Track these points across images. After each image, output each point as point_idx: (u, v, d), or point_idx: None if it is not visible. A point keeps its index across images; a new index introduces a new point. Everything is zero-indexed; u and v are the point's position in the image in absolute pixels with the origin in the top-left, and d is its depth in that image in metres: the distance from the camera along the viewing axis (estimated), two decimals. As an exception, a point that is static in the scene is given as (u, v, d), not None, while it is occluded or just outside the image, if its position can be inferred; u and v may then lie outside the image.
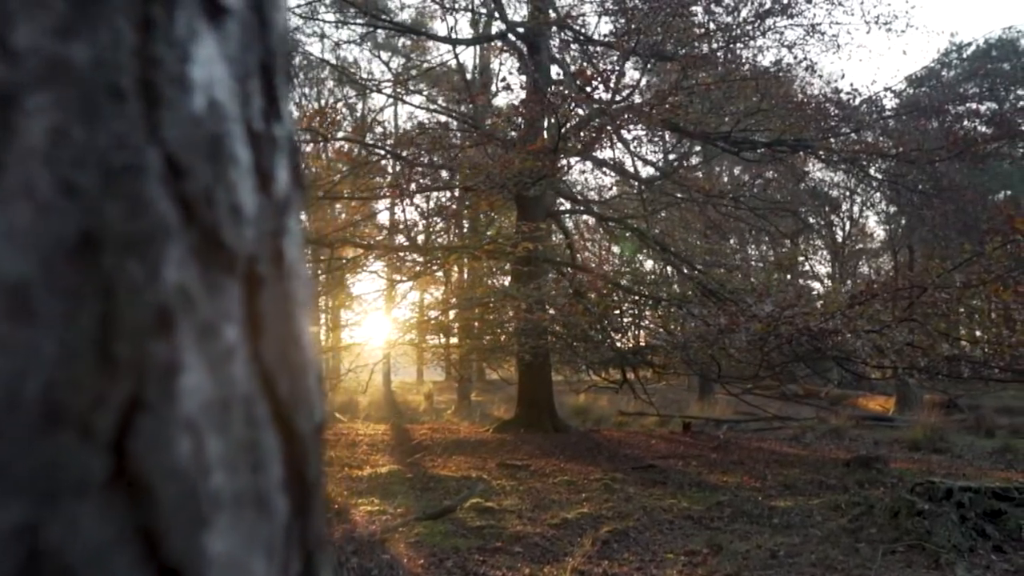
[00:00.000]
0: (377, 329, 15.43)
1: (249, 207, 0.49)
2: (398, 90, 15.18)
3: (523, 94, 11.82)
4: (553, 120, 9.58)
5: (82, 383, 0.41)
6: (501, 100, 25.24)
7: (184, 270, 0.45)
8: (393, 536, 4.82)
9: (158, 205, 0.45)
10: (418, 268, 13.69)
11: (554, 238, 15.15)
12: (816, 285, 27.37)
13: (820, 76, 23.27)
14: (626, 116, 10.20)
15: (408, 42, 19.49)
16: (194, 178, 0.46)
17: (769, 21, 12.24)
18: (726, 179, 24.16)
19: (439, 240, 15.78)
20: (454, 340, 16.28)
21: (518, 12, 15.73)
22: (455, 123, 13.58)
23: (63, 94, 0.42)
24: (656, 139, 16.19)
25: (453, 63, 17.43)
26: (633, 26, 10.39)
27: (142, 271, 0.43)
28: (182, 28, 0.46)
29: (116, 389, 0.42)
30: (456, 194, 14.15)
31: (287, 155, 0.55)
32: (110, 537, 0.41)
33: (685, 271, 13.02)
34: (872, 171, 13.32)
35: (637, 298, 12.61)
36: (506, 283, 14.01)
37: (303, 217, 0.64)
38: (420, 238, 14.21)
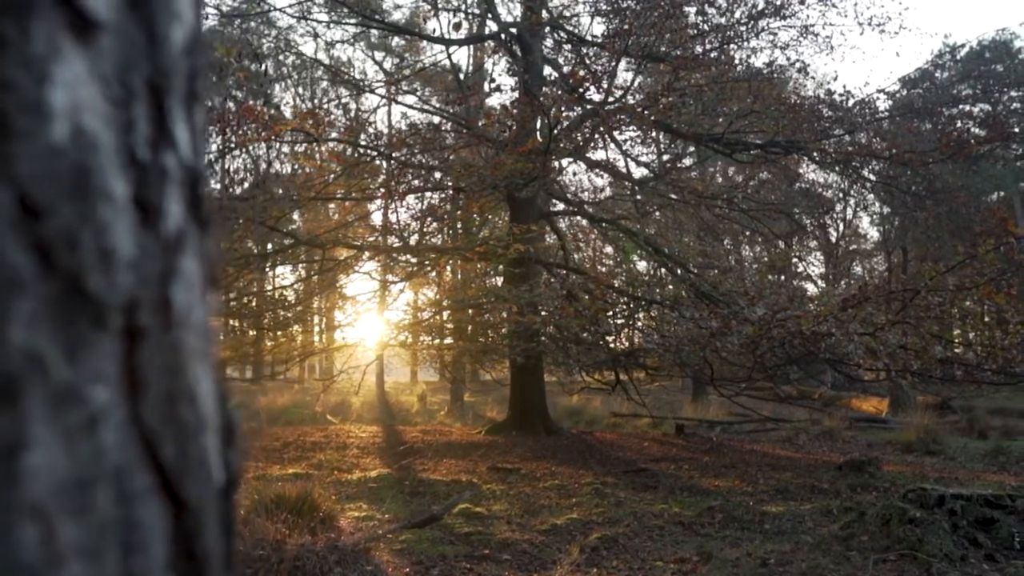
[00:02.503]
0: (370, 330, 15.38)
1: (125, 249, 0.43)
2: (391, 90, 15.10)
3: (515, 95, 11.77)
4: (545, 121, 9.53)
5: (-98, 466, 0.35)
6: (494, 101, 25.20)
7: (35, 329, 0.38)
8: (378, 544, 4.75)
9: (6, 253, 0.38)
10: (411, 269, 13.63)
11: (548, 239, 15.11)
12: (810, 286, 27.40)
13: (813, 78, 23.31)
14: (619, 117, 10.16)
15: (401, 42, 19.44)
16: (53, 219, 0.40)
17: (762, 22, 12.22)
18: (720, 180, 24.16)
19: (433, 240, 15.72)
20: (448, 341, 16.22)
21: (512, 12, 15.70)
22: (448, 124, 13.51)
23: None
24: (649, 140, 16.17)
25: (446, 63, 17.38)
26: (626, 26, 10.34)
27: (-19, 332, 0.37)
28: (40, 45, 0.40)
29: (-55, 472, 0.36)
30: (448, 195, 14.09)
31: (182, 186, 0.49)
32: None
33: (679, 273, 12.98)
34: (865, 172, 13.31)
35: (628, 300, 12.56)
36: (499, 285, 13.94)
37: (214, 249, 0.57)
38: (413, 239, 14.14)
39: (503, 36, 13.55)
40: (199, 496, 0.48)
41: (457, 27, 13.21)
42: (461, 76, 16.91)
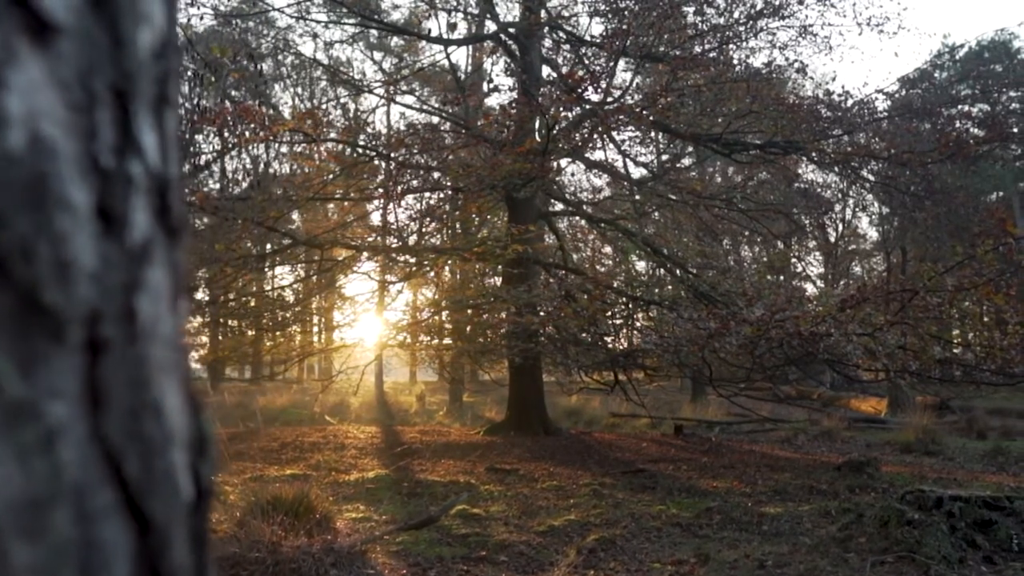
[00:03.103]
0: (369, 330, 15.37)
1: (87, 259, 0.42)
2: (390, 90, 15.08)
3: (513, 95, 11.76)
4: (543, 121, 9.51)
5: None
6: (493, 101, 25.19)
7: (-14, 344, 0.37)
8: (375, 546, 4.73)
9: (-43, 264, 0.37)
10: (410, 269, 13.61)
11: (547, 239, 15.10)
12: (809, 287, 27.39)
13: (812, 78, 23.32)
14: (618, 117, 10.14)
15: (400, 42, 19.42)
16: (7, 229, 0.38)
17: (761, 22, 12.20)
18: (719, 180, 24.15)
19: (432, 241, 15.71)
20: (446, 341, 16.20)
21: (511, 12, 15.68)
22: (447, 124, 13.50)
23: None
24: (648, 140, 16.15)
25: (445, 63, 17.36)
26: (624, 27, 10.33)
27: (-71, 348, 0.36)
28: (-6, 50, 0.39)
29: None
30: (447, 195, 14.07)
31: (149, 194, 0.48)
32: None
33: (677, 273, 12.97)
34: (864, 173, 13.29)
35: (627, 301, 12.55)
36: (498, 285, 13.93)
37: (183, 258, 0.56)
38: (412, 239, 14.13)
39: (501, 36, 13.54)
40: (165, 513, 0.46)
41: (452, 28, 13.19)
42: (460, 76, 16.91)
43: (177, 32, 0.57)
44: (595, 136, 11.55)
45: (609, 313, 12.22)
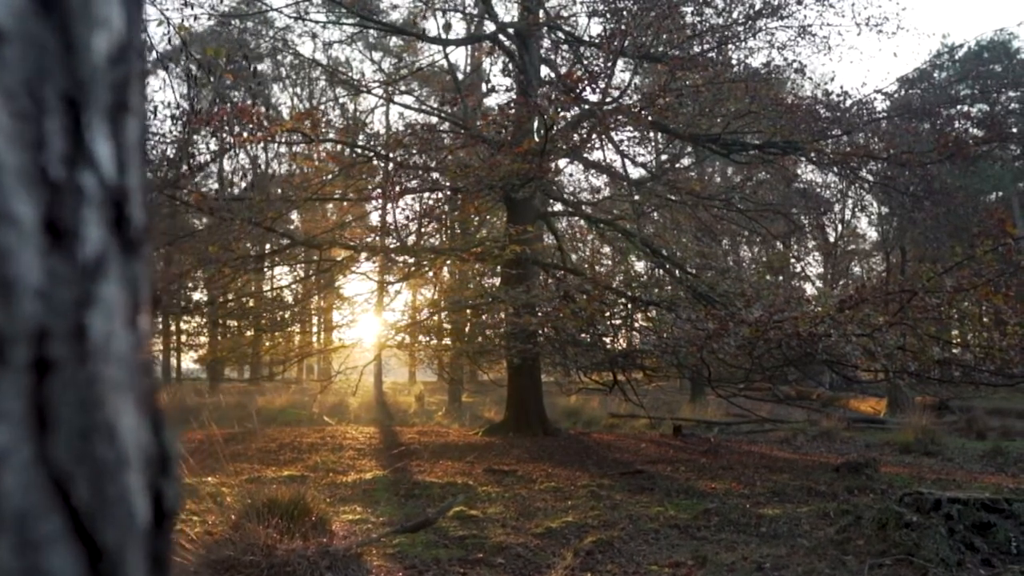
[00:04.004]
0: (368, 330, 15.36)
1: (32, 276, 0.40)
2: (388, 90, 15.06)
3: (512, 95, 11.74)
4: (543, 120, 9.49)
5: None
6: (492, 101, 25.15)
7: (-78, 366, 0.35)
8: (371, 549, 4.72)
9: None
10: (409, 269, 13.59)
11: (546, 239, 15.08)
12: (808, 287, 27.35)
13: (810, 78, 23.31)
14: (616, 117, 10.13)
15: (399, 42, 19.40)
16: (-55, 246, 0.37)
17: (760, 23, 12.19)
18: (718, 180, 24.13)
19: (431, 241, 15.69)
20: (446, 341, 16.19)
21: (509, 12, 15.67)
22: (445, 124, 13.49)
23: None
24: (647, 141, 16.14)
25: (443, 63, 17.34)
26: (623, 27, 10.32)
27: None
28: (-69, 58, 0.37)
29: None
30: (445, 195, 14.06)
31: (103, 207, 0.46)
32: None
33: (676, 274, 12.96)
34: (863, 173, 13.27)
35: (626, 301, 12.54)
36: (497, 285, 13.91)
37: (153, 269, 0.54)
38: (411, 239, 14.11)
39: (500, 36, 13.52)
40: (118, 538, 0.45)
41: (448, 28, 13.17)
42: (460, 76, 16.88)
43: (141, 35, 0.55)
44: (594, 136, 11.53)
45: (608, 313, 12.20)
